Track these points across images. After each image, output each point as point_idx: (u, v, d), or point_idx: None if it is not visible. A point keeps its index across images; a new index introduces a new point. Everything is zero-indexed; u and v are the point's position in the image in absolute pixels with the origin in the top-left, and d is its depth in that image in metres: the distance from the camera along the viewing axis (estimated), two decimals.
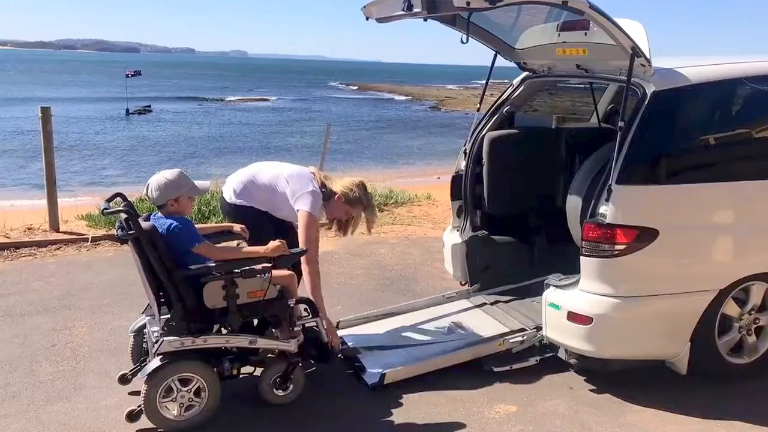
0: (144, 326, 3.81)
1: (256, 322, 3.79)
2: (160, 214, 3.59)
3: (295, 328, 3.73)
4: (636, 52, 3.65)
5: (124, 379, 3.89)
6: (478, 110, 5.01)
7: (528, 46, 4.65)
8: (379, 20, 4.19)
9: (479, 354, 4.13)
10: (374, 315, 4.79)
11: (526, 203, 4.96)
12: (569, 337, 3.89)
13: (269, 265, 3.55)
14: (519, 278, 4.90)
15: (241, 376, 3.74)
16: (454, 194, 5.01)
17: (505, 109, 4.95)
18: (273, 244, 3.63)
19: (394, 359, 4.10)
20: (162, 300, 3.51)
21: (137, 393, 3.55)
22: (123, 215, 3.36)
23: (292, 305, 3.72)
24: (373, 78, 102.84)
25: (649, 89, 3.78)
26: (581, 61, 4.31)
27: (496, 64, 4.83)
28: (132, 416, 3.53)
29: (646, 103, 3.76)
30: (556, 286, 3.97)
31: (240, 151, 25.27)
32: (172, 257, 3.42)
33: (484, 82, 5.09)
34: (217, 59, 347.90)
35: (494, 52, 4.79)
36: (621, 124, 3.74)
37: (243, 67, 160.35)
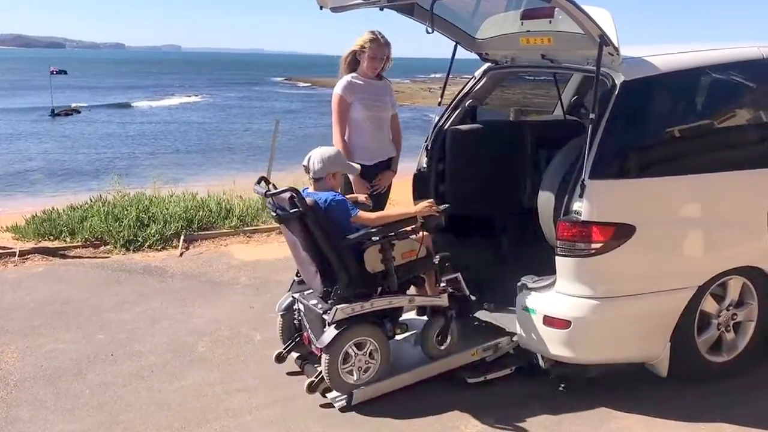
0: (292, 304, 4.08)
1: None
2: (310, 189, 3.82)
3: (441, 284, 3.97)
4: (604, 40, 3.49)
5: (280, 358, 4.11)
6: (440, 104, 4.80)
7: (489, 36, 4.46)
8: (334, 10, 3.97)
9: (452, 365, 3.91)
10: None
11: (492, 201, 4.76)
12: (546, 343, 3.70)
13: (419, 225, 3.81)
14: (488, 281, 4.68)
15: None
16: (417, 193, 4.77)
17: (468, 102, 4.75)
18: (422, 204, 3.85)
19: None
20: (319, 272, 3.69)
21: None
22: (287, 194, 3.52)
23: (437, 262, 3.92)
24: (316, 71, 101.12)
25: (618, 79, 3.65)
26: (546, 51, 4.13)
27: (440, 55, 4.66)
28: (312, 387, 3.72)
29: (616, 93, 3.62)
30: (531, 289, 3.78)
31: (177, 152, 24.47)
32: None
33: (434, 75, 4.90)
34: (149, 54, 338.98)
35: (455, 43, 4.57)
36: (592, 116, 3.58)
37: (177, 63, 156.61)
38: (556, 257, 3.62)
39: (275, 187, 3.74)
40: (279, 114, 36.74)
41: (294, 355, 4.22)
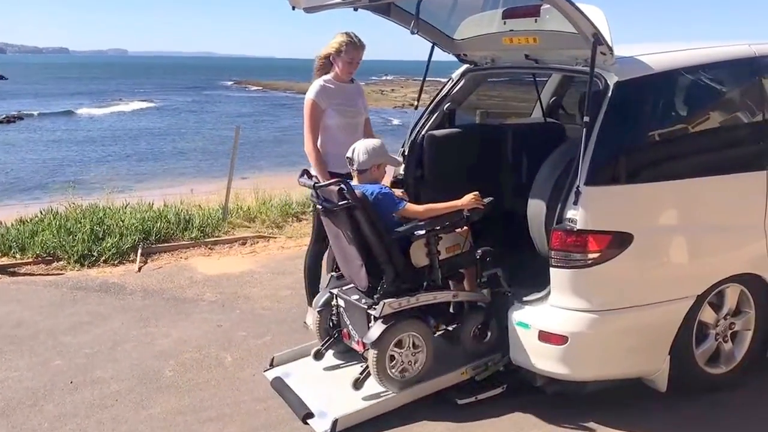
0: (330, 300, 3.98)
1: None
2: (354, 182, 3.71)
3: (481, 279, 3.89)
4: (598, 39, 3.33)
5: (318, 355, 4.03)
6: (416, 108, 4.63)
7: (469, 36, 4.29)
8: (307, 10, 3.76)
9: (441, 386, 3.70)
10: (314, 346, 4.20)
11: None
12: (541, 360, 3.51)
13: (464, 219, 3.74)
14: None
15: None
16: None
17: (446, 106, 4.57)
18: (468, 196, 3.74)
19: (345, 400, 3.60)
20: (365, 266, 3.60)
21: None
22: (336, 186, 3.47)
23: (478, 257, 3.83)
24: (267, 75, 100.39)
25: (612, 80, 3.50)
26: (531, 51, 3.96)
27: (392, 57, 4.47)
28: (357, 383, 3.62)
29: (610, 94, 3.47)
30: (523, 302, 3.59)
31: (128, 158, 23.77)
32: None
33: (386, 77, 4.72)
34: (94, 59, 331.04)
35: (431, 45, 4.39)
36: (586, 119, 3.41)
37: (124, 67, 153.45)
38: (551, 268, 3.44)
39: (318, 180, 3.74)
40: (231, 118, 36.17)
41: (270, 375, 3.97)
